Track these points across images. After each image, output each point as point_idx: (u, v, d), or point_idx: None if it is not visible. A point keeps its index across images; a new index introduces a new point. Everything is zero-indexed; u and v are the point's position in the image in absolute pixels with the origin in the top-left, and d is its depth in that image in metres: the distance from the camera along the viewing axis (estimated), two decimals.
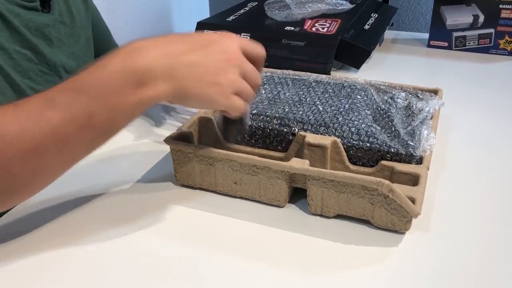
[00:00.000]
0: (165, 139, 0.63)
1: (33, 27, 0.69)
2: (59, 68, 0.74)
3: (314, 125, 0.65)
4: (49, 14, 0.72)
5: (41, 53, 0.70)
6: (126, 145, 0.77)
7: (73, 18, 0.79)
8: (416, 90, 0.75)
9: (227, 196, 0.64)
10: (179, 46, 0.49)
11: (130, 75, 0.46)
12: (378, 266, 0.53)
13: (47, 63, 0.72)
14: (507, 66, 1.08)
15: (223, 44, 0.51)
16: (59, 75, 0.74)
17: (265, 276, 0.51)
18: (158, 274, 0.52)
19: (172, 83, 0.48)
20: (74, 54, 0.78)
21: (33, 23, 0.69)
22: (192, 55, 0.49)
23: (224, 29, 1.08)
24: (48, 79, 0.72)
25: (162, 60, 0.48)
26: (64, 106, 0.46)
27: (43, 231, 0.58)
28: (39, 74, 0.70)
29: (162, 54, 0.48)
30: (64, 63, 0.75)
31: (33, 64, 0.69)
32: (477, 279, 0.51)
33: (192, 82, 0.49)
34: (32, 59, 0.69)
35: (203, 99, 0.51)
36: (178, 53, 0.49)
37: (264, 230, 0.58)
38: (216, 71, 0.50)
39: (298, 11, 1.13)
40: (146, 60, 0.47)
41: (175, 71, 0.48)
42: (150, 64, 0.47)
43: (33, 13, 0.69)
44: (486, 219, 0.60)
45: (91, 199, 0.64)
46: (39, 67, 0.70)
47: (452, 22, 1.15)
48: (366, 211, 0.57)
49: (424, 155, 0.61)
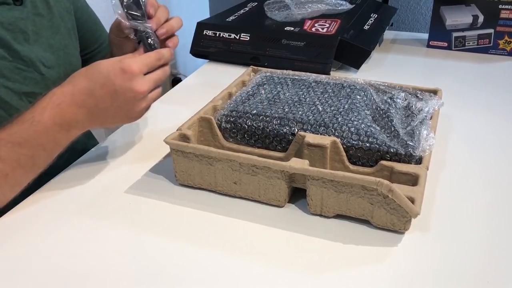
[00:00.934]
0: (165, 139, 0.63)
1: (5, 22, 0.67)
2: (37, 63, 0.71)
3: (313, 125, 0.65)
4: (21, 6, 0.70)
5: (14, 49, 0.68)
6: (126, 145, 0.77)
7: (50, 8, 0.76)
8: (416, 90, 0.75)
9: (226, 196, 0.64)
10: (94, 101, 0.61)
11: (61, 127, 0.61)
12: (377, 266, 0.53)
13: (22, 59, 0.69)
14: (506, 66, 1.09)
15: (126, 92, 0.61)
16: (39, 71, 0.72)
17: (265, 276, 0.51)
18: (158, 274, 0.52)
19: (93, 123, 0.63)
20: (53, 47, 0.75)
21: (4, 18, 0.67)
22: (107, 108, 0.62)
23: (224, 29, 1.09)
24: (26, 76, 0.70)
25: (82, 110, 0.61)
26: (10, 159, 0.59)
27: (42, 231, 0.58)
28: (15, 71, 0.68)
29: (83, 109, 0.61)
30: (42, 57, 0.72)
31: (6, 62, 0.67)
32: (477, 279, 0.51)
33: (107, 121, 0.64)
34: (5, 57, 0.67)
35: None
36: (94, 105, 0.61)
37: (264, 230, 0.58)
38: (125, 113, 0.64)
39: (298, 11, 1.13)
40: (71, 114, 0.61)
41: (95, 116, 0.62)
42: (75, 118, 0.61)
43: (4, 7, 0.67)
44: (486, 219, 0.60)
45: (91, 199, 0.64)
46: (14, 64, 0.68)
47: (452, 22, 1.16)
48: (366, 211, 0.57)
49: (423, 155, 0.61)
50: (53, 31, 0.76)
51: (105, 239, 0.57)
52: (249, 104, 0.71)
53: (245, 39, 1.08)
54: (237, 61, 1.08)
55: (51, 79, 0.73)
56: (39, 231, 0.58)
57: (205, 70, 1.09)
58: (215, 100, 0.74)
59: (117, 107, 0.61)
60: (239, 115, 0.68)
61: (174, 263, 0.53)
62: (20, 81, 0.70)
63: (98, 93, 0.60)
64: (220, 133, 0.69)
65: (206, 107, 0.72)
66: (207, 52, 1.11)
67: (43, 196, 0.64)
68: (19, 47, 0.69)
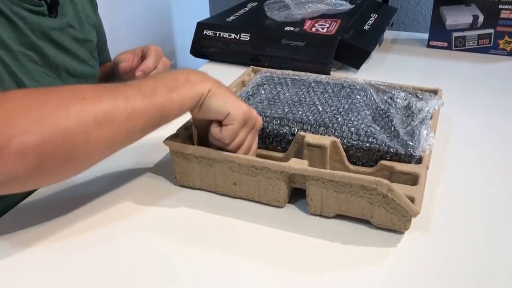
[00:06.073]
0: (164, 140, 0.63)
1: (38, 30, 0.70)
2: (61, 71, 0.75)
3: (313, 125, 0.65)
4: (56, 18, 0.74)
5: (45, 55, 0.71)
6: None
7: (82, 23, 0.81)
8: (416, 90, 0.75)
9: (226, 197, 0.64)
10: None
11: (189, 76, 0.59)
12: (377, 265, 0.53)
13: (50, 65, 0.73)
14: (506, 66, 1.08)
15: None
16: (61, 78, 0.75)
17: (264, 276, 0.51)
18: (158, 274, 0.52)
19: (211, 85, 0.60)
20: (79, 58, 0.79)
21: (38, 26, 0.70)
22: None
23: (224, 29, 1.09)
24: (50, 82, 0.73)
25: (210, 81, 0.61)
26: (148, 94, 0.55)
27: (42, 230, 0.58)
28: (42, 75, 0.71)
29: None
30: (68, 65, 0.76)
31: (37, 66, 0.70)
32: (477, 279, 0.51)
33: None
34: (36, 61, 0.70)
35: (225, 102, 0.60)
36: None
37: (264, 231, 0.58)
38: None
39: (298, 11, 1.13)
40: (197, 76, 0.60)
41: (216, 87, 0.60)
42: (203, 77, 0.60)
43: (40, 17, 0.71)
44: (486, 218, 0.60)
45: (91, 199, 0.64)
46: (42, 69, 0.71)
47: (452, 22, 1.16)
48: (366, 211, 0.57)
49: (423, 155, 0.61)
50: (80, 44, 0.80)
51: (105, 239, 0.57)
52: (249, 104, 0.71)
53: (245, 39, 1.08)
54: (237, 61, 1.08)
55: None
56: (39, 231, 0.58)
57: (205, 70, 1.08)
58: None
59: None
60: None
61: (174, 264, 0.53)
62: (45, 85, 0.72)
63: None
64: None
65: None
66: (207, 52, 1.11)
67: (43, 196, 0.64)
68: (50, 53, 0.72)
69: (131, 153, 0.75)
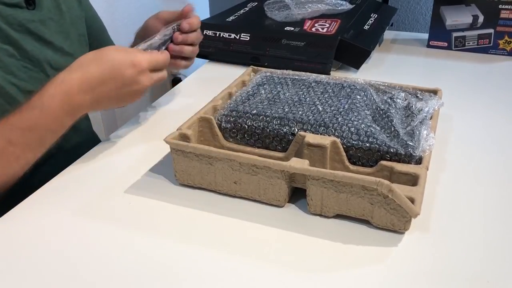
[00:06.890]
0: (165, 139, 0.63)
1: (15, 23, 0.69)
2: (44, 64, 0.74)
3: (313, 125, 0.65)
4: (34, 10, 0.73)
5: (23, 48, 0.71)
6: (126, 145, 0.77)
7: (62, 15, 0.79)
8: (416, 90, 0.75)
9: (227, 196, 0.64)
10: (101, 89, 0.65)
11: (68, 112, 0.65)
12: (377, 266, 0.53)
13: (30, 59, 0.72)
14: (506, 66, 1.09)
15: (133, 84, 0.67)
16: (44, 72, 0.74)
17: (264, 276, 0.51)
18: (158, 274, 0.52)
19: (96, 107, 0.68)
20: (62, 50, 0.78)
21: (15, 19, 0.69)
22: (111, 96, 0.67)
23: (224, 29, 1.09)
24: (32, 75, 0.72)
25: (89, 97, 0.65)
26: (21, 143, 0.63)
27: (43, 231, 0.58)
28: (22, 70, 0.71)
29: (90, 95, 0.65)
30: (50, 59, 0.75)
31: (15, 60, 0.70)
32: (477, 279, 0.51)
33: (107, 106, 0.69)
34: (14, 55, 0.70)
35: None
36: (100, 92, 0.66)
37: (264, 230, 0.58)
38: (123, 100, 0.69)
39: (298, 11, 1.13)
40: (79, 100, 0.65)
41: (99, 102, 0.67)
42: (82, 103, 0.65)
43: (16, 9, 0.70)
44: (486, 219, 0.60)
45: (91, 199, 0.64)
46: (21, 62, 0.71)
47: (452, 22, 1.16)
48: (366, 211, 0.57)
49: (423, 155, 0.61)
50: (64, 36, 0.79)
51: (105, 238, 0.57)
52: (249, 104, 0.71)
53: (245, 39, 1.08)
54: (237, 61, 1.08)
55: None
56: (39, 231, 0.58)
57: (205, 70, 1.09)
58: (215, 100, 0.74)
59: (119, 95, 0.67)
60: (239, 115, 0.68)
61: (174, 263, 0.53)
62: (26, 79, 0.71)
63: (107, 83, 0.65)
64: (220, 133, 0.69)
65: (206, 107, 0.72)
66: (207, 52, 1.11)
67: (43, 196, 0.64)
68: (28, 47, 0.72)
69: (131, 151, 0.75)
